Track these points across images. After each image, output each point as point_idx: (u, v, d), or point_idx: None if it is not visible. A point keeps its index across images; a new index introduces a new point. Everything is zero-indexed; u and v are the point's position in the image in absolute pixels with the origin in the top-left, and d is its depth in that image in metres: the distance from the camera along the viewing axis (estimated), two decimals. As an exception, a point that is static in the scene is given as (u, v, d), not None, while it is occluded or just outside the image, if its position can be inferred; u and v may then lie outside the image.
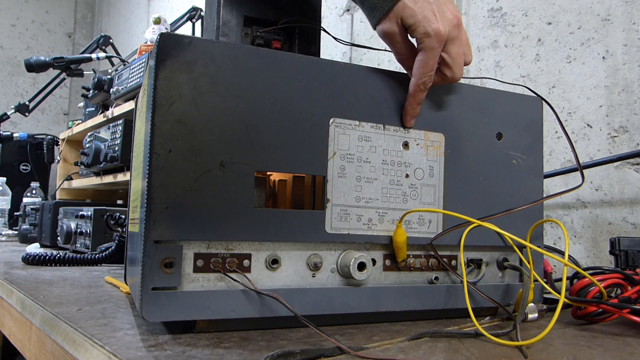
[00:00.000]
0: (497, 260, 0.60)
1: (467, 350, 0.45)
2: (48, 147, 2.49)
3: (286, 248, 0.51)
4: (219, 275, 0.48)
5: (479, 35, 1.13)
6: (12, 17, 3.39)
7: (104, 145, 1.58)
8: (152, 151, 0.45)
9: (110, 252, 1.03)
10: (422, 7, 0.51)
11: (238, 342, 0.45)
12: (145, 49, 1.59)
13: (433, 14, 0.51)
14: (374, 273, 0.54)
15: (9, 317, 0.69)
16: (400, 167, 0.55)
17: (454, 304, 0.56)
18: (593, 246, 0.90)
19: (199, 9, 1.83)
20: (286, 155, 0.50)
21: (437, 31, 0.51)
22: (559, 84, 0.96)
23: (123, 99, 1.59)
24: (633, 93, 0.85)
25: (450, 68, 0.54)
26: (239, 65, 0.49)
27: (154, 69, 0.46)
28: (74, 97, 3.50)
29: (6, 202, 1.99)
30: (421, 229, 0.56)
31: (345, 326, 0.53)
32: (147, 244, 0.44)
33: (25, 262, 1.01)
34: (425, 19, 0.51)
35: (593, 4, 0.92)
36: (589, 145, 0.91)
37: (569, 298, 0.55)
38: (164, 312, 0.45)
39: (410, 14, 0.51)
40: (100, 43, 2.16)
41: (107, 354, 0.40)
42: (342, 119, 0.53)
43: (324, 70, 0.52)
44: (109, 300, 0.64)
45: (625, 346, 0.48)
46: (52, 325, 0.51)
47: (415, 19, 0.51)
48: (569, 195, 0.92)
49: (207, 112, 0.47)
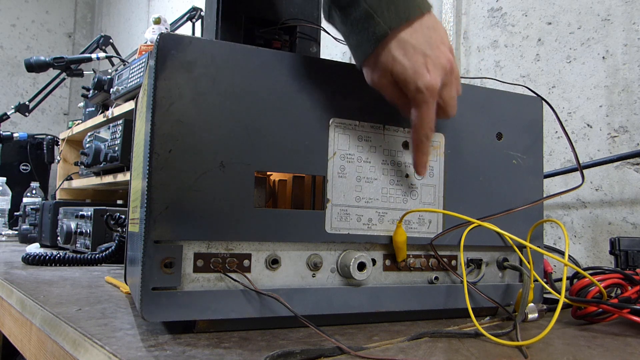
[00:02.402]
0: (497, 260, 0.60)
1: (467, 350, 0.45)
2: (48, 147, 2.49)
3: (286, 248, 0.51)
4: (219, 275, 0.48)
5: (479, 35, 1.13)
6: (12, 17, 3.39)
7: (104, 145, 1.58)
8: (152, 151, 0.45)
9: (110, 252, 1.03)
10: (413, 59, 0.47)
11: (238, 342, 0.45)
12: (145, 49, 1.59)
13: (424, 67, 0.47)
14: (374, 273, 0.54)
15: (9, 317, 0.69)
16: (400, 167, 0.55)
17: (454, 304, 0.56)
18: (593, 246, 0.90)
19: (199, 9, 1.83)
20: (286, 155, 0.50)
21: (429, 85, 0.47)
22: (559, 84, 0.96)
23: (123, 99, 1.59)
24: (633, 93, 0.85)
25: (444, 110, 0.51)
26: (239, 65, 0.49)
27: (154, 69, 0.46)
28: (74, 97, 3.50)
29: (6, 202, 1.99)
30: (421, 229, 0.56)
31: (345, 326, 0.53)
32: (147, 244, 0.44)
33: (25, 262, 1.01)
34: (416, 73, 0.47)
35: (593, 4, 0.92)
36: (589, 145, 0.91)
37: (569, 298, 0.55)
38: (164, 312, 0.45)
39: (400, 70, 0.47)
40: (100, 43, 2.16)
41: (107, 354, 0.40)
42: (342, 119, 0.53)
43: (324, 70, 0.52)
44: (109, 300, 0.64)
45: (625, 346, 0.48)
46: (52, 325, 0.51)
47: (406, 75, 0.47)
48: (569, 195, 0.93)
49: (207, 112, 0.47)
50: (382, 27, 0.46)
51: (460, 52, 1.16)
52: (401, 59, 0.47)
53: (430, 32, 0.48)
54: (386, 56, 0.47)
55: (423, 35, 0.47)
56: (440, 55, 0.48)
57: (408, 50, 0.47)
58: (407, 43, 0.47)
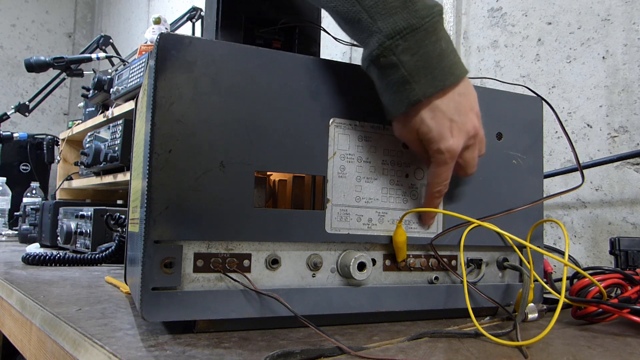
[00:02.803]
0: (497, 260, 0.60)
1: (467, 350, 0.45)
2: (48, 147, 2.49)
3: (286, 248, 0.51)
4: (219, 275, 0.48)
5: (479, 35, 1.13)
6: (12, 17, 3.39)
7: (104, 145, 1.58)
8: (152, 151, 0.45)
9: (110, 252, 1.03)
10: (440, 123, 0.49)
11: (238, 342, 0.45)
12: (145, 49, 1.59)
13: (449, 131, 0.50)
14: (374, 273, 0.54)
15: (9, 317, 0.69)
16: (400, 167, 0.55)
17: (454, 304, 0.56)
18: (593, 246, 0.90)
19: (199, 9, 1.83)
20: (286, 155, 0.50)
21: (449, 149, 0.50)
22: (559, 84, 0.96)
23: (123, 99, 1.59)
24: (633, 93, 0.85)
25: (464, 169, 0.54)
26: (239, 65, 0.49)
27: (154, 68, 0.46)
28: (74, 97, 3.50)
29: (6, 202, 1.99)
30: (421, 229, 0.56)
31: (345, 326, 0.53)
32: (147, 244, 0.44)
33: (25, 262, 1.01)
34: (440, 135, 0.50)
35: (593, 4, 0.92)
36: (589, 145, 0.91)
37: (569, 298, 0.55)
38: (164, 312, 0.45)
39: (426, 130, 0.50)
40: (100, 43, 2.16)
41: (107, 354, 0.40)
42: (342, 119, 0.53)
43: (324, 70, 0.52)
44: (109, 300, 0.64)
45: (625, 346, 0.48)
46: (52, 325, 0.51)
47: (430, 135, 0.50)
48: (569, 195, 0.93)
49: (207, 112, 0.47)
50: (417, 94, 0.48)
51: (460, 52, 1.16)
52: (429, 122, 0.49)
53: (460, 98, 0.50)
54: (416, 118, 0.50)
55: (454, 101, 0.50)
56: (466, 121, 0.51)
57: (437, 115, 0.49)
58: (437, 109, 0.49)
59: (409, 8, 0.47)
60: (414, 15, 0.47)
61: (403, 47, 0.47)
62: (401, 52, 0.47)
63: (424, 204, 0.55)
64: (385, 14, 0.47)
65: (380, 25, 0.47)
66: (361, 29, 0.48)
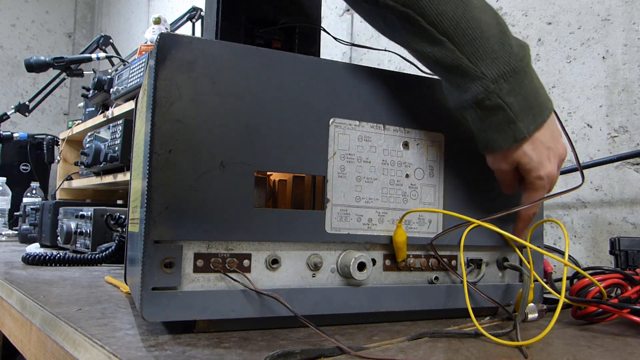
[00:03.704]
0: (497, 260, 0.60)
1: (467, 350, 0.45)
2: (48, 147, 2.49)
3: (286, 248, 0.51)
4: (219, 275, 0.48)
5: (479, 35, 1.13)
6: (12, 17, 3.39)
7: (104, 145, 1.58)
8: (152, 151, 0.45)
9: (110, 252, 1.03)
10: (540, 153, 0.53)
11: (238, 342, 0.45)
12: (145, 49, 1.59)
13: (548, 159, 0.53)
14: (374, 273, 0.54)
15: (9, 317, 0.69)
16: (400, 167, 0.55)
17: (454, 304, 0.56)
18: (593, 246, 0.90)
19: (199, 9, 1.83)
20: (286, 155, 0.50)
21: (549, 174, 0.54)
22: (559, 84, 0.96)
23: (123, 99, 1.59)
24: (633, 93, 0.85)
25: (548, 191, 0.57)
26: (239, 65, 0.49)
27: (154, 69, 0.46)
28: (74, 97, 3.50)
29: (6, 202, 1.99)
30: (421, 229, 0.56)
31: (345, 326, 0.53)
32: (147, 244, 0.44)
33: (25, 262, 1.01)
34: (540, 164, 0.53)
35: (593, 4, 0.92)
36: (589, 145, 0.91)
37: (569, 298, 0.55)
38: (164, 312, 0.45)
39: (527, 162, 0.53)
40: (100, 43, 2.16)
41: (107, 354, 0.40)
42: (342, 119, 0.53)
43: (324, 70, 0.52)
44: (109, 300, 0.64)
45: (625, 346, 0.48)
46: (52, 325, 0.51)
47: (531, 165, 0.53)
48: (569, 195, 0.92)
49: (207, 112, 0.47)
50: (522, 132, 0.52)
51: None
52: (530, 153, 0.53)
53: (552, 126, 0.54)
54: (518, 152, 0.53)
55: (549, 131, 0.54)
56: (559, 147, 0.55)
57: (537, 146, 0.53)
58: (538, 140, 0.53)
59: (507, 51, 0.50)
60: (514, 58, 0.50)
61: (507, 90, 0.50)
62: (506, 95, 0.50)
63: (517, 225, 0.58)
64: (487, 59, 0.49)
65: (484, 70, 0.49)
66: (461, 74, 0.50)
